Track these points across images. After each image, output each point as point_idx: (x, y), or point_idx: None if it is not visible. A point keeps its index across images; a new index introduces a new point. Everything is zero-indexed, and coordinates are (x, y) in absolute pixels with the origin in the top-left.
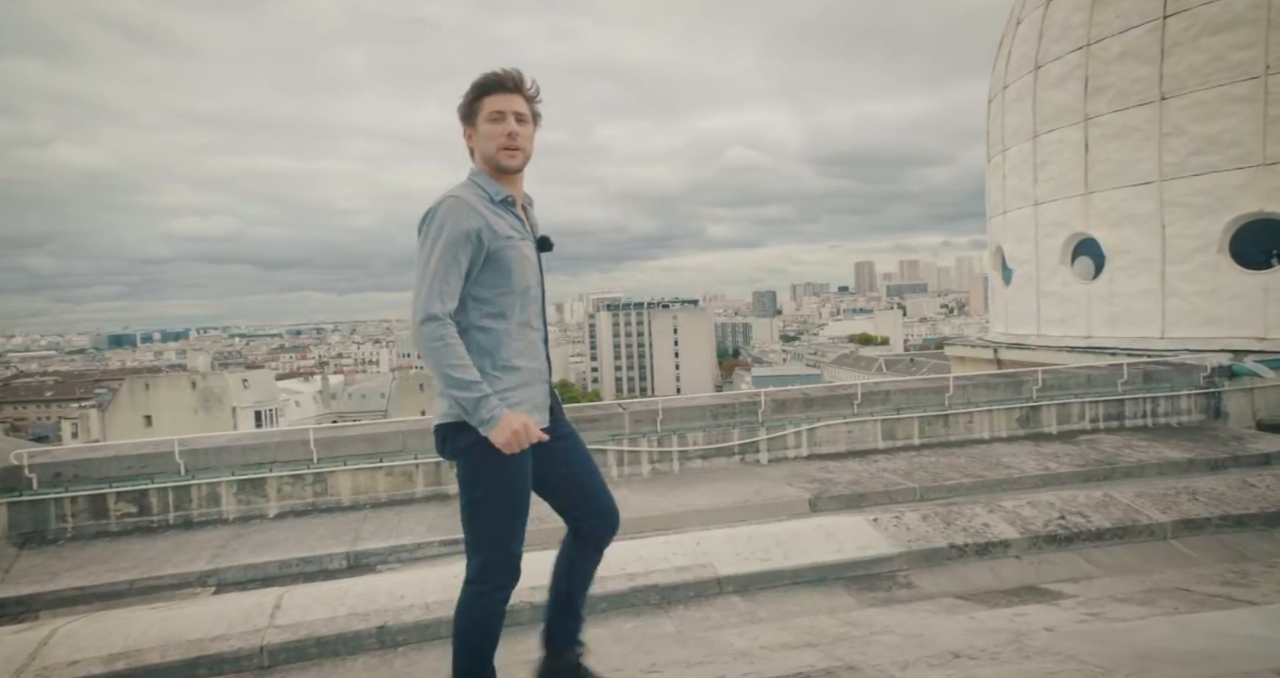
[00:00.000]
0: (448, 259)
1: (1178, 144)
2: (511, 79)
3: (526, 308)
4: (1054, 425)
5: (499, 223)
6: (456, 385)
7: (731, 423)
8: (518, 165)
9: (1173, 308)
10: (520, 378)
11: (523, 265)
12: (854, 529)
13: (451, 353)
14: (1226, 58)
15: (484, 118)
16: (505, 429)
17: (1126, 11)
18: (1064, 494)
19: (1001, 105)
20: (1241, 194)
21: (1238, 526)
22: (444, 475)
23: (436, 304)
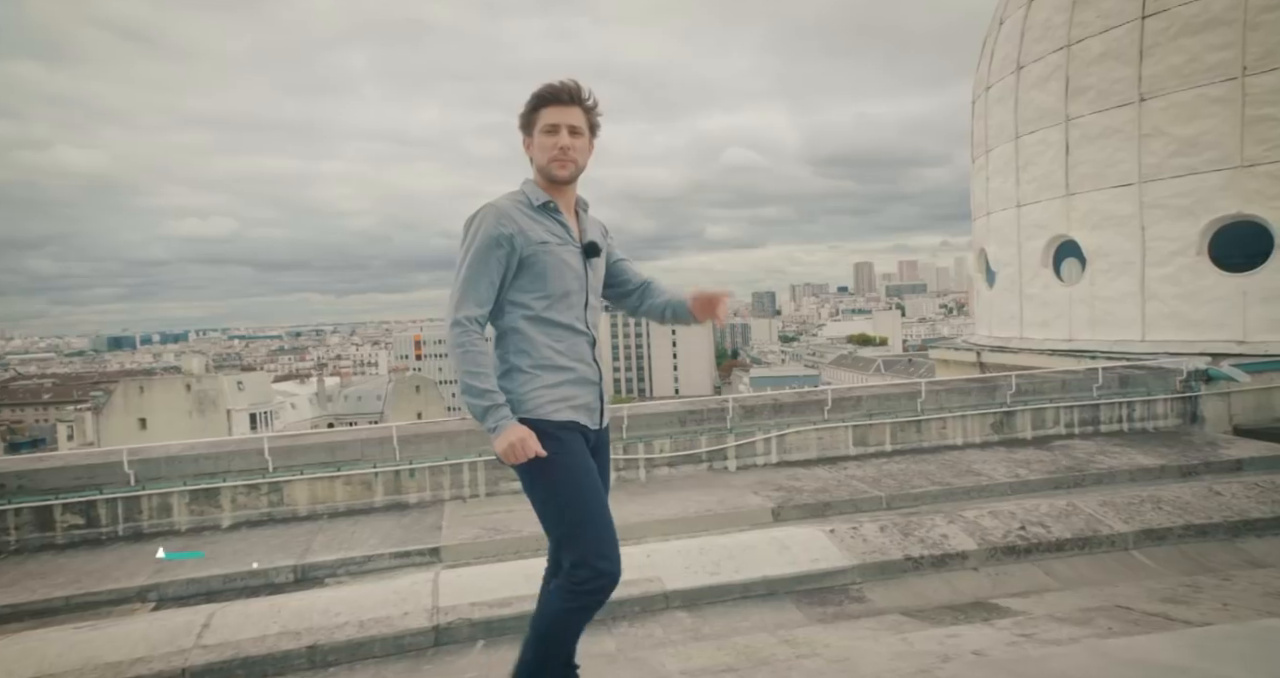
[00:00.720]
0: (478, 265)
1: (1157, 145)
2: (568, 91)
3: (568, 311)
4: (1028, 431)
5: (534, 228)
6: (471, 392)
7: (699, 430)
8: (567, 176)
9: (1153, 311)
10: (562, 377)
11: (560, 270)
12: (809, 541)
13: (471, 359)
14: (1204, 59)
15: (540, 129)
16: (504, 440)
17: (1107, 12)
18: (1027, 503)
19: (985, 106)
20: (1220, 196)
21: (1200, 535)
22: (403, 484)
23: (464, 309)
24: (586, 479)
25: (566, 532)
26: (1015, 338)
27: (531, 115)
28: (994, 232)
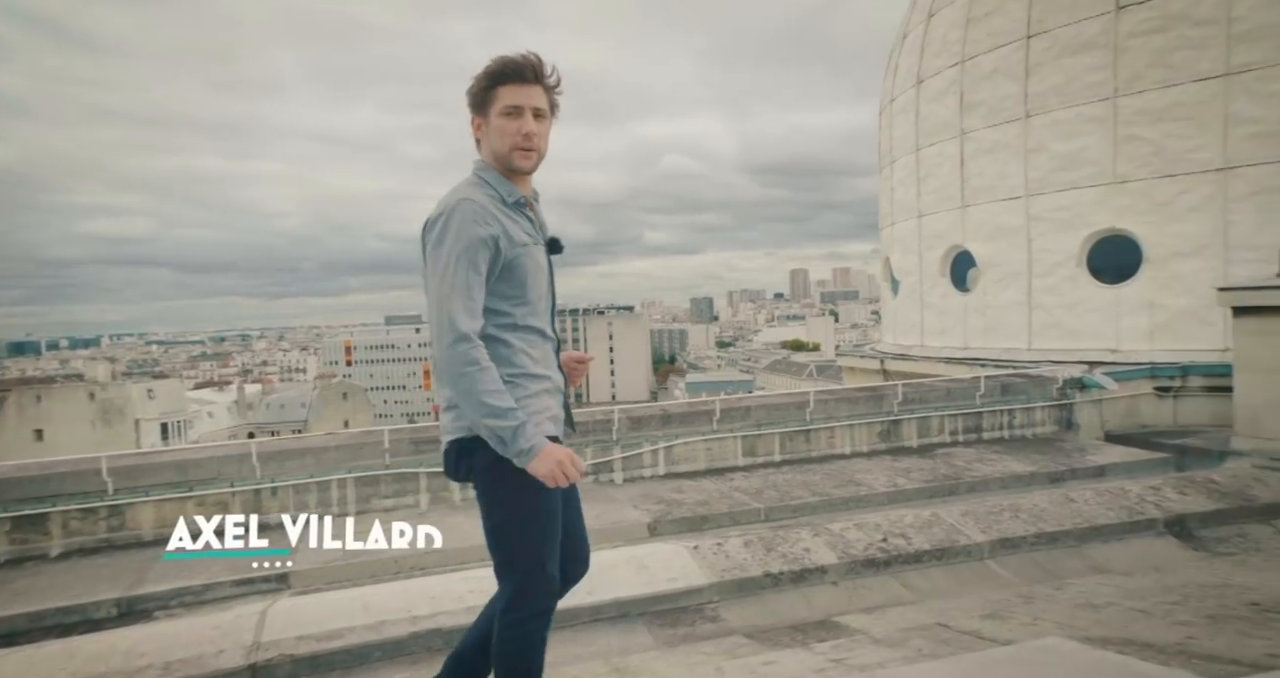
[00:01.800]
0: (470, 270)
1: (1041, 160)
2: (531, 67)
3: (540, 316)
4: (914, 439)
5: (514, 229)
6: (493, 414)
7: (584, 442)
8: (531, 167)
9: (1038, 320)
10: (541, 386)
11: (538, 274)
12: (670, 559)
13: (487, 377)
14: (1082, 79)
15: (498, 111)
16: (548, 460)
17: (996, 30)
18: (893, 514)
19: (890, 118)
20: (1096, 211)
21: (1051, 543)
22: (264, 504)
23: (465, 323)
24: (555, 510)
25: (517, 557)
26: (917, 346)
27: (486, 93)
28: (898, 241)
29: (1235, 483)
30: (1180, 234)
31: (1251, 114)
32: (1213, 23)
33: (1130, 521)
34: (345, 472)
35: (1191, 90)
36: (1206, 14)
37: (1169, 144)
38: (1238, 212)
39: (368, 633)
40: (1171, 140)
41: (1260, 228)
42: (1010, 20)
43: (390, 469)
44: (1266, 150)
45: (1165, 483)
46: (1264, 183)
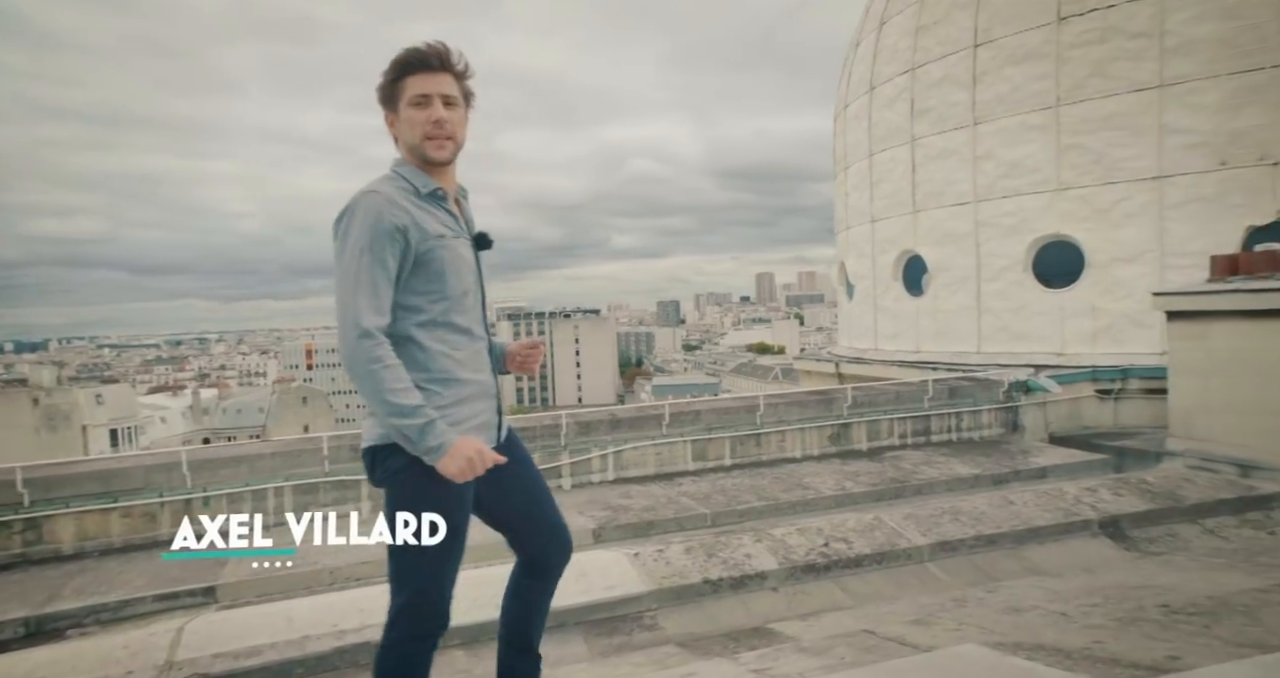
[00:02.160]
0: (375, 264)
1: (989, 167)
2: (437, 55)
3: (466, 314)
4: (864, 442)
5: (428, 220)
6: (397, 412)
7: (531, 448)
8: (446, 156)
9: (987, 324)
10: (464, 392)
11: (458, 267)
12: (610, 566)
13: (391, 375)
14: (1026, 88)
15: (406, 102)
16: (458, 457)
17: (945, 39)
18: (836, 518)
19: (844, 124)
20: (1041, 216)
21: (989, 545)
22: (195, 513)
23: (369, 318)
24: (460, 522)
25: (405, 571)
26: (871, 349)
27: (394, 86)
28: (852, 246)
29: (1166, 484)
30: (1120, 240)
31: (1184, 125)
32: (1147, 36)
33: (1066, 522)
34: (282, 480)
35: (1129, 100)
36: (1141, 27)
37: (1109, 152)
38: (1173, 219)
39: (289, 649)
40: (1111, 149)
41: (1193, 235)
42: (957, 29)
43: (330, 476)
44: (1198, 160)
45: (1101, 484)
46: (1196, 191)
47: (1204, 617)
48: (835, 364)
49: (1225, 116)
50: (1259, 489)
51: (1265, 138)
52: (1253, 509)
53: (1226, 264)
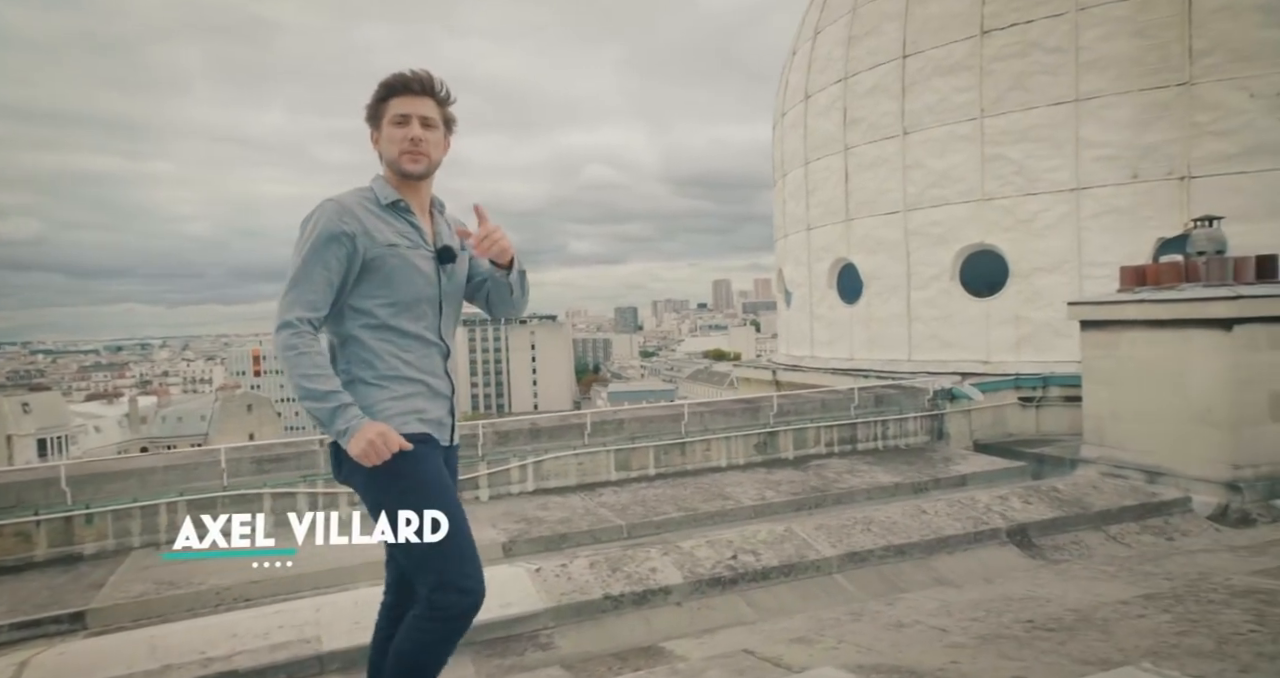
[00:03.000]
0: (313, 264)
1: (918, 176)
2: (420, 81)
3: (418, 320)
4: (790, 451)
5: (382, 229)
6: (310, 396)
7: None
8: (419, 171)
9: (917, 332)
10: (411, 389)
11: (407, 275)
12: (509, 582)
13: (306, 361)
14: (952, 99)
15: (389, 120)
16: (360, 440)
17: (875, 49)
18: (748, 530)
19: (781, 132)
20: (967, 226)
21: (899, 555)
22: (77, 533)
23: (293, 311)
24: (446, 493)
25: (425, 552)
26: (807, 357)
27: (379, 106)
28: (790, 253)
29: (1075, 491)
30: (1041, 250)
31: (1099, 138)
32: (1063, 50)
33: (975, 531)
34: (176, 495)
35: (1047, 113)
36: (1058, 42)
37: (1029, 164)
38: (1090, 230)
39: None
40: (1032, 160)
41: (1109, 246)
42: (887, 40)
43: (229, 491)
44: (1113, 173)
45: (1013, 492)
46: (1111, 203)
47: (1063, 633)
48: (772, 372)
49: (1136, 131)
50: (1160, 496)
51: (1172, 153)
52: (1154, 516)
53: (1134, 275)
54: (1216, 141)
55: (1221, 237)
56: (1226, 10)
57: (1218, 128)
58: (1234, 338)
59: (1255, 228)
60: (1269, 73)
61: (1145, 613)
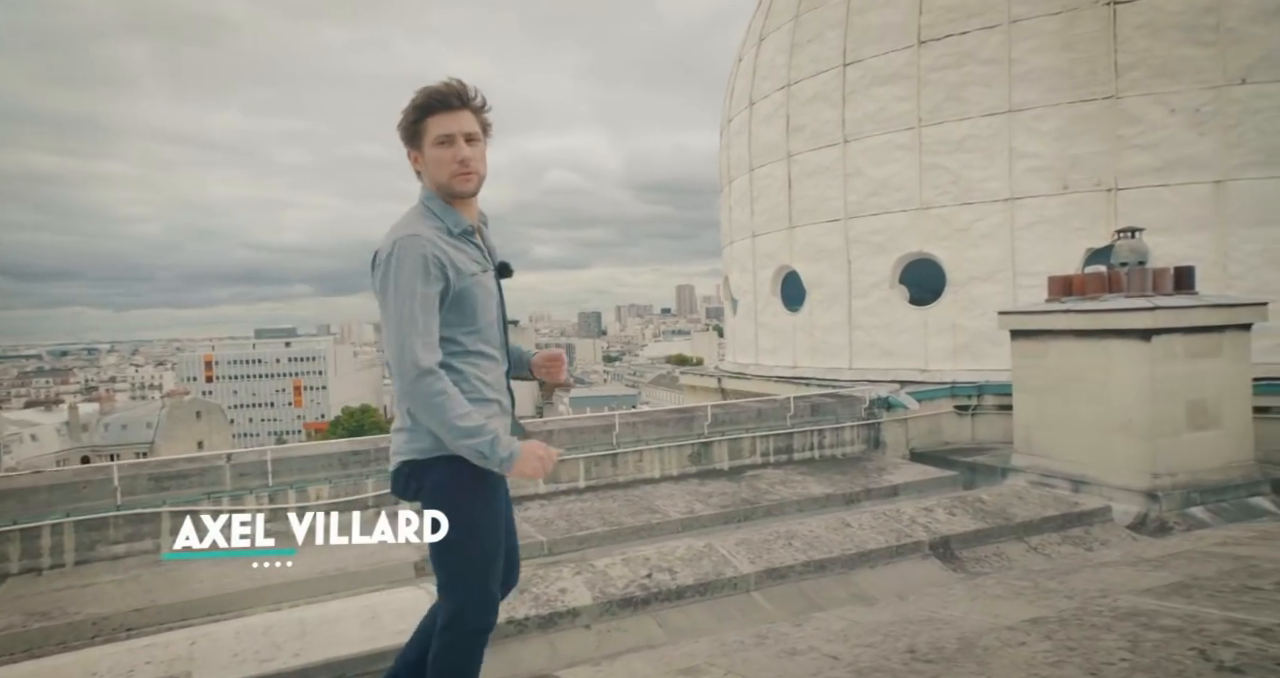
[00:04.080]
0: (424, 305)
1: (858, 184)
2: (456, 94)
3: (490, 341)
4: (725, 461)
5: (462, 259)
6: (467, 435)
7: (366, 472)
8: (473, 189)
9: (858, 340)
10: (491, 410)
11: (487, 302)
12: (408, 607)
13: (454, 404)
14: (891, 108)
15: (431, 142)
16: (530, 458)
17: (817, 57)
18: (666, 546)
19: (728, 138)
20: (906, 234)
21: (819, 570)
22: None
23: (429, 356)
24: (498, 528)
25: (461, 574)
26: (752, 364)
27: (417, 126)
28: (735, 260)
29: (1000, 502)
30: (977, 259)
31: (1031, 149)
32: (996, 62)
33: (898, 544)
34: (62, 516)
35: (982, 124)
36: (991, 54)
37: (965, 173)
38: (1023, 239)
39: None
40: (967, 170)
41: (1041, 256)
42: (828, 48)
43: (123, 511)
44: (1044, 184)
45: (938, 504)
46: (1043, 214)
47: (940, 664)
48: (718, 380)
49: (1065, 143)
50: (1082, 506)
51: (1100, 164)
52: (1075, 526)
53: (1061, 285)
54: (1140, 155)
55: (1143, 248)
56: (1148, 27)
57: (1141, 141)
58: (1152, 348)
59: (1176, 240)
60: (1188, 89)
61: (1027, 640)
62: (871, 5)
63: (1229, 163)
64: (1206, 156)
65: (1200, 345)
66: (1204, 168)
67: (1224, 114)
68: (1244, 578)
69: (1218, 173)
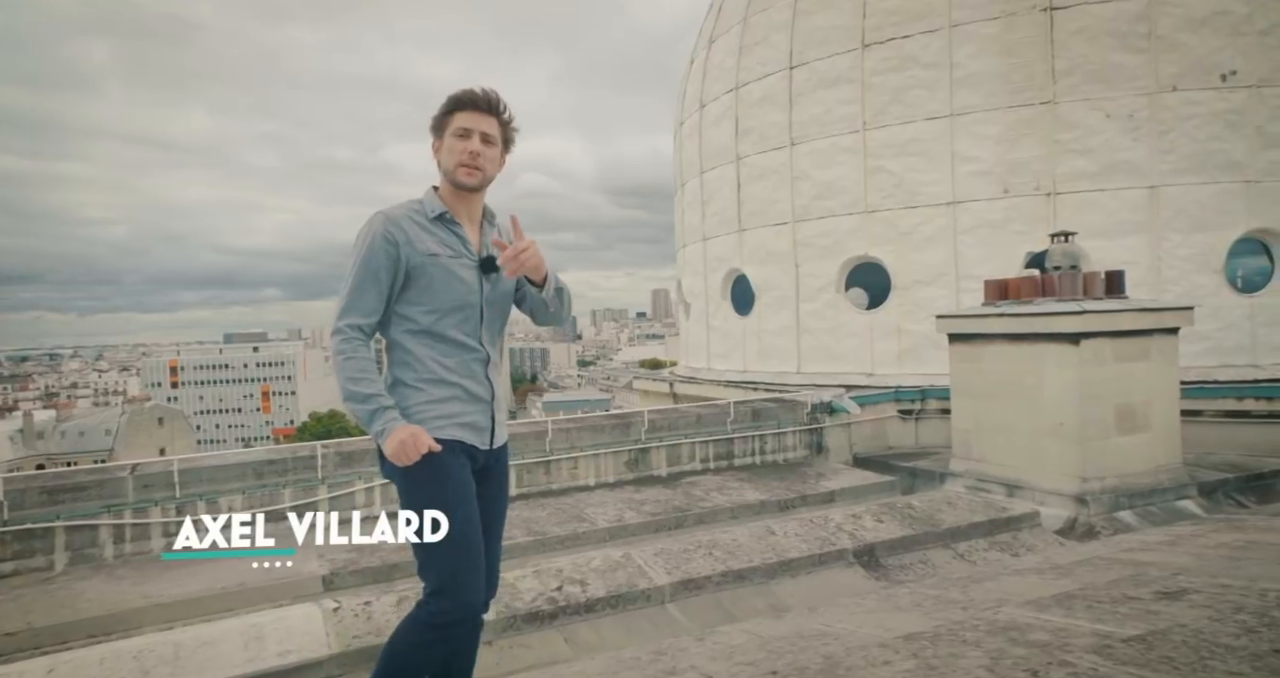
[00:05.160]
0: (364, 273)
1: (805, 187)
2: (487, 99)
3: (461, 327)
4: (663, 468)
5: (425, 239)
6: (354, 398)
7: (282, 482)
8: (473, 184)
9: (806, 344)
10: (449, 392)
11: (447, 283)
12: (297, 626)
13: (352, 366)
14: (836, 111)
15: (451, 132)
16: (394, 440)
17: (764, 60)
18: (581, 557)
19: (681, 141)
20: (852, 238)
21: (739, 580)
22: None
23: (345, 318)
24: (462, 503)
25: (428, 555)
26: (704, 369)
27: (445, 118)
28: (688, 264)
29: (929, 508)
30: (921, 263)
31: (972, 153)
32: (938, 66)
33: (822, 552)
34: None
35: (925, 127)
36: (933, 58)
37: (909, 177)
38: (965, 243)
39: None
40: (911, 173)
41: (983, 259)
42: (775, 51)
43: (10, 526)
44: (985, 187)
45: (868, 510)
46: (985, 217)
47: None
48: (670, 385)
49: (1006, 147)
50: (1010, 511)
51: (1039, 169)
52: (1003, 531)
53: (997, 289)
54: (1077, 159)
55: (1076, 252)
56: (1083, 33)
57: (1078, 146)
58: (1081, 352)
59: (1113, 244)
60: (1122, 95)
61: (893, 659)
62: (817, 8)
63: (1162, 169)
64: (1141, 162)
65: (1129, 349)
66: (1139, 173)
67: (1157, 120)
68: (1128, 587)
69: (1152, 178)
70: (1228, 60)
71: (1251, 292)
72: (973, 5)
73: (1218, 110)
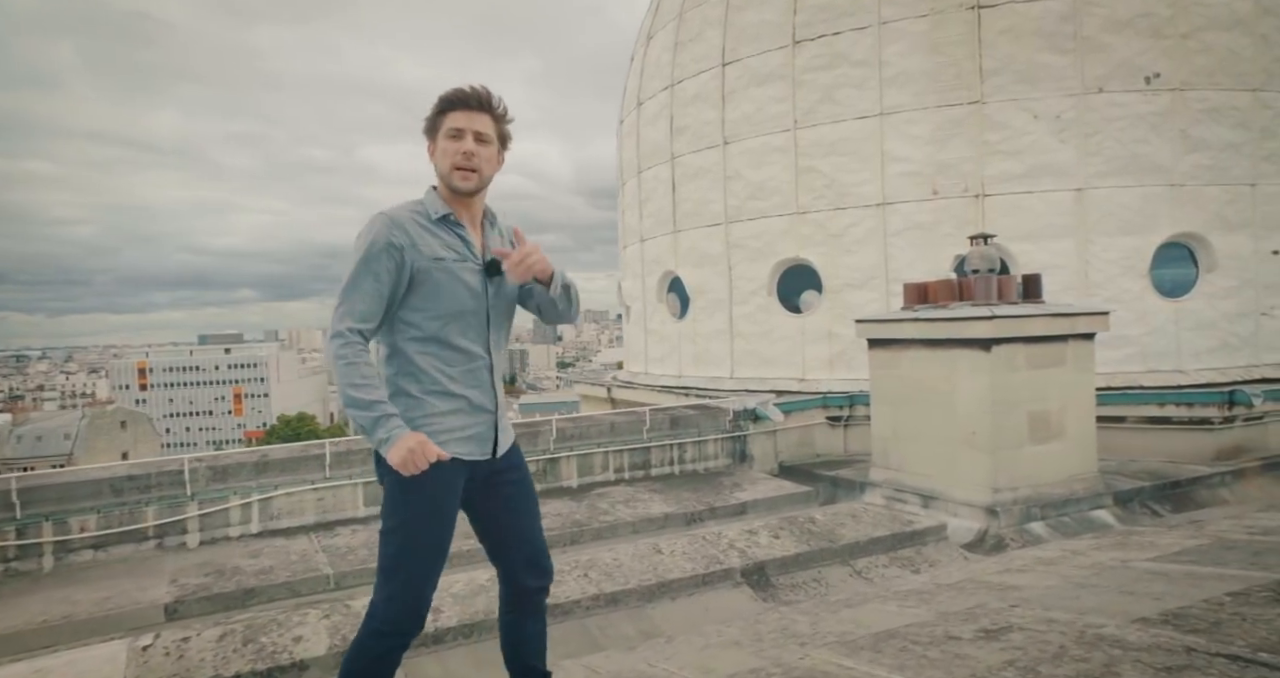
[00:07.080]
0: (364, 276)
1: (737, 187)
2: (478, 96)
3: (465, 333)
4: (574, 479)
5: (430, 242)
6: (356, 405)
7: (145, 499)
8: (470, 187)
9: (739, 348)
10: (453, 405)
11: (452, 288)
12: (93, 670)
13: (354, 372)
14: (768, 109)
15: (444, 134)
16: (400, 449)
17: (698, 56)
18: (443, 581)
19: (621, 140)
20: (783, 240)
21: (611, 604)
22: None
23: (345, 321)
24: (436, 526)
25: (389, 568)
26: (641, 373)
27: (436, 119)
28: (628, 266)
29: (831, 522)
30: (851, 265)
31: (902, 153)
32: (868, 64)
33: (707, 572)
34: None
35: (855, 127)
36: (862, 56)
37: (839, 177)
38: (896, 246)
39: None
40: (841, 174)
41: (913, 262)
42: (709, 47)
43: None
44: (914, 189)
45: (765, 526)
46: (914, 219)
47: None
48: (607, 389)
49: (934, 148)
50: (916, 524)
51: (967, 170)
52: (906, 546)
53: (916, 293)
54: (1005, 161)
55: (994, 255)
56: (1010, 32)
57: (1006, 147)
58: (993, 358)
59: (1041, 247)
60: (1049, 96)
61: None
62: (749, 3)
63: (1089, 171)
64: (1068, 164)
65: (1042, 355)
66: (1066, 175)
67: (1083, 122)
68: (958, 623)
69: (1079, 181)
70: (1151, 62)
71: (1177, 296)
72: (902, 2)
73: (1143, 113)
